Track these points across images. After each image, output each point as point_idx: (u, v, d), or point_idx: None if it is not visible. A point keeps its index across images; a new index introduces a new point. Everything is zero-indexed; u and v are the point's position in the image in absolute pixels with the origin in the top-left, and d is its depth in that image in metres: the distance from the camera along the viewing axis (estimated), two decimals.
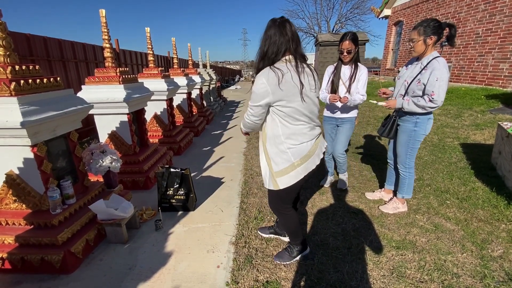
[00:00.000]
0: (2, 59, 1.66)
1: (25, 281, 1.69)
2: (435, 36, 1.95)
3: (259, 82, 1.41)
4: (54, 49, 4.57)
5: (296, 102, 1.44)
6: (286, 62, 1.45)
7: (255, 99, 1.44)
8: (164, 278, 1.71)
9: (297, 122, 1.49)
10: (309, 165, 1.56)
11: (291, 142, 1.50)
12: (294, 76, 1.42)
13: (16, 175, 1.77)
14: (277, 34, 1.43)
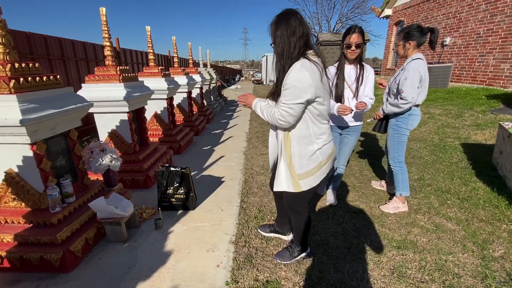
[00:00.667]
0: (2, 56, 1.65)
1: (24, 279, 1.68)
2: (414, 41, 2.13)
3: (302, 76, 1.26)
4: (54, 47, 4.56)
5: (327, 100, 1.42)
6: (316, 56, 1.37)
7: (298, 94, 1.28)
8: (164, 277, 1.70)
9: (325, 121, 1.47)
10: (330, 164, 1.55)
11: (321, 142, 1.46)
12: (324, 71, 1.37)
13: (15, 173, 1.76)
14: (300, 28, 1.32)
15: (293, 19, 1.32)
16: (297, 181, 1.48)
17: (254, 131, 5.55)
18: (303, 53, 1.35)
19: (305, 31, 1.34)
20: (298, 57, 1.34)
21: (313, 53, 1.38)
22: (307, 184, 1.49)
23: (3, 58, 1.66)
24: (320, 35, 9.52)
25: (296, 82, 1.28)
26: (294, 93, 1.29)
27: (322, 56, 1.42)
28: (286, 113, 1.33)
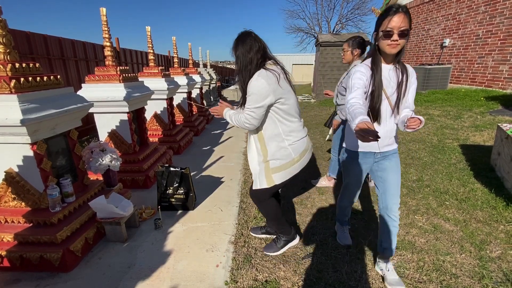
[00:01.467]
0: (2, 56, 1.66)
1: (24, 279, 1.69)
2: (359, 49, 2.44)
3: (258, 84, 1.47)
4: (54, 47, 4.56)
5: (291, 100, 1.58)
6: (274, 64, 1.59)
7: (257, 100, 1.49)
8: (163, 277, 1.70)
9: (293, 119, 1.62)
10: (304, 161, 1.69)
11: (292, 138, 1.61)
12: (283, 75, 1.57)
13: (15, 173, 1.77)
14: (255, 44, 1.54)
15: (248, 38, 1.55)
16: (270, 176, 1.63)
17: None
18: (261, 64, 1.55)
19: (260, 46, 1.56)
20: (256, 68, 1.54)
21: (271, 63, 1.59)
22: (279, 177, 1.64)
23: (4, 58, 1.66)
24: (320, 36, 9.53)
25: (254, 89, 1.48)
26: (254, 98, 1.49)
27: (280, 63, 1.65)
28: (250, 116, 1.53)
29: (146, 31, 3.75)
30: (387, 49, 1.34)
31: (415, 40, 9.68)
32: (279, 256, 1.89)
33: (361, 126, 1.07)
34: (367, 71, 1.42)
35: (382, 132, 1.47)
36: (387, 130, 1.49)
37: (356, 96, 1.34)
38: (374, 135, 1.00)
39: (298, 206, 2.56)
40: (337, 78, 9.12)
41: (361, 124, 1.08)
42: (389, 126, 1.50)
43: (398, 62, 1.43)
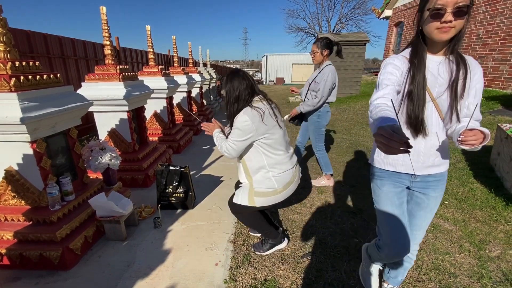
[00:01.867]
0: (2, 55, 1.66)
1: (24, 277, 1.69)
2: (327, 49, 2.60)
3: (242, 120, 1.59)
4: (54, 46, 4.56)
5: (276, 134, 1.67)
6: (260, 101, 1.69)
7: (240, 134, 1.61)
8: (163, 275, 1.71)
9: (279, 152, 1.70)
10: (288, 192, 1.77)
11: (277, 171, 1.70)
12: (270, 110, 1.67)
13: (15, 171, 1.77)
14: (243, 81, 1.66)
15: (236, 76, 1.68)
16: (253, 197, 1.71)
17: None
18: (249, 100, 1.67)
19: (248, 83, 1.67)
20: (244, 104, 1.65)
21: (258, 99, 1.69)
22: (260, 202, 1.71)
23: (4, 56, 1.66)
24: (320, 35, 9.53)
25: (239, 125, 1.61)
26: (238, 133, 1.62)
27: (267, 99, 1.75)
28: (230, 147, 1.66)
29: (146, 30, 3.75)
30: (436, 34, 0.97)
31: None
32: (278, 255, 1.89)
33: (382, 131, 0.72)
34: (403, 64, 1.07)
35: (425, 148, 1.11)
36: (432, 145, 1.10)
37: (384, 95, 1.00)
38: (403, 143, 0.68)
39: (297, 205, 2.56)
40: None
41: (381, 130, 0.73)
42: (436, 139, 1.10)
43: (452, 52, 1.03)
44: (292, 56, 23.04)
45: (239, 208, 1.77)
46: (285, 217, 2.36)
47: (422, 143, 1.12)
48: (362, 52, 8.90)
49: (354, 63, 8.94)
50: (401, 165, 1.18)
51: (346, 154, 3.93)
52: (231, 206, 1.83)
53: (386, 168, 1.23)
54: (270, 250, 1.91)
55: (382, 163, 1.24)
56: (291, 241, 2.04)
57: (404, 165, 1.17)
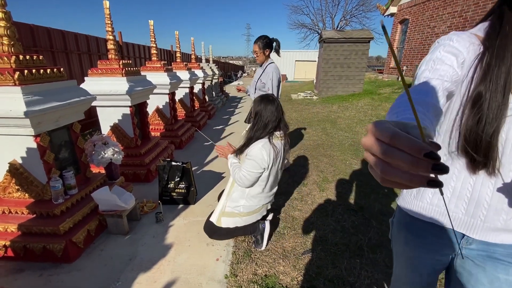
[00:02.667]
0: (7, 48, 1.66)
1: (27, 268, 1.72)
2: (269, 49, 2.71)
3: (259, 154, 1.68)
4: (57, 40, 4.56)
5: (273, 176, 1.83)
6: (280, 138, 1.78)
7: (255, 166, 1.70)
8: (164, 269, 1.73)
9: (265, 189, 1.85)
10: (249, 219, 1.91)
11: (249, 202, 1.86)
12: (282, 153, 1.79)
13: (19, 164, 1.78)
14: (275, 113, 1.72)
15: (271, 105, 1.72)
16: (220, 218, 1.88)
17: None
18: (271, 133, 1.74)
19: (278, 116, 1.74)
20: (265, 135, 1.74)
21: (279, 136, 1.78)
22: (225, 222, 1.88)
23: (8, 50, 1.67)
24: (323, 32, 9.44)
25: (256, 158, 1.69)
26: (253, 164, 1.71)
27: (286, 138, 1.84)
28: (244, 177, 1.75)
29: (149, 25, 3.74)
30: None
31: (419, 37, 9.58)
32: (279, 251, 1.90)
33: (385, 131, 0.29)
34: (469, 48, 0.64)
35: (492, 195, 0.66)
36: (507, 191, 0.64)
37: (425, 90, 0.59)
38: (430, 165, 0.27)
39: (298, 202, 2.57)
40: (340, 75, 9.07)
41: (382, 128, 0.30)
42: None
43: None
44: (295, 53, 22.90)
45: (212, 229, 1.93)
46: (286, 214, 2.37)
47: (487, 185, 0.66)
48: (366, 50, 8.84)
49: (357, 61, 8.88)
50: (437, 212, 0.74)
51: (347, 152, 3.92)
52: (206, 227, 1.97)
53: (417, 210, 0.75)
54: (264, 241, 1.93)
55: (413, 203, 0.78)
56: (292, 238, 2.05)
57: (454, 216, 0.71)
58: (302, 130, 5.26)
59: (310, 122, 5.91)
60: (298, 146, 4.26)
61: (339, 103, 7.76)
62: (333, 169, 3.31)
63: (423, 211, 0.76)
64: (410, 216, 0.80)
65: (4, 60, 1.63)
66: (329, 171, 3.27)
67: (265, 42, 2.67)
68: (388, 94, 7.67)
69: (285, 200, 2.61)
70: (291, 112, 7.21)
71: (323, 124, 5.70)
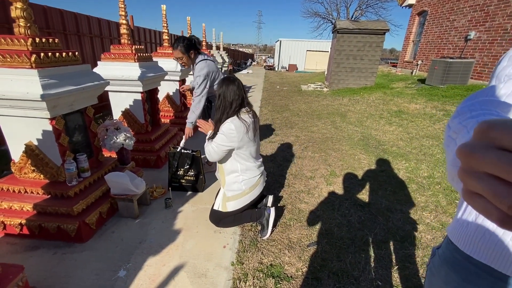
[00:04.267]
0: (23, 30, 1.67)
1: (42, 246, 1.79)
2: (193, 49, 2.58)
3: (229, 128, 1.74)
4: (70, 22, 4.56)
5: (252, 147, 1.86)
6: (247, 113, 1.83)
7: (224, 140, 1.76)
8: (172, 254, 1.78)
9: (250, 161, 1.90)
10: (253, 194, 1.96)
11: (246, 175, 1.90)
12: (253, 125, 1.82)
13: (35, 146, 1.83)
14: (237, 91, 1.79)
15: (232, 85, 1.80)
16: (225, 203, 1.92)
17: (264, 118, 5.54)
18: (237, 111, 1.79)
19: (241, 94, 1.81)
20: (233, 113, 1.79)
21: (245, 111, 1.83)
22: (232, 206, 1.92)
23: (25, 32, 1.67)
24: (337, 22, 9.17)
25: (225, 131, 1.75)
26: (222, 138, 1.77)
27: (253, 112, 1.89)
28: (212, 150, 1.82)
29: (162, 10, 3.70)
30: None
31: (438, 31, 9.23)
32: (285, 241, 1.93)
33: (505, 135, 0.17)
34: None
35: None
36: None
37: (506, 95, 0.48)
38: None
39: (305, 195, 2.58)
40: (352, 67, 8.87)
41: (492, 128, 0.17)
42: None
43: None
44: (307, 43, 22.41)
45: (218, 216, 1.97)
46: (292, 206, 2.38)
47: None
48: (380, 42, 8.58)
49: (371, 53, 8.65)
50: (498, 263, 0.55)
51: (357, 146, 3.89)
52: (212, 216, 2.01)
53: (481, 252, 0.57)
54: (270, 226, 1.97)
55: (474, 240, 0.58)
56: (298, 229, 2.07)
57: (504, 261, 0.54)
58: (311, 123, 5.21)
59: (319, 115, 5.85)
60: (306, 139, 4.24)
61: (350, 96, 7.63)
62: (341, 163, 3.30)
63: (490, 254, 0.55)
64: (462, 253, 0.61)
65: (21, 42, 1.64)
66: (337, 165, 3.25)
67: (186, 44, 2.51)
68: (401, 89, 7.49)
69: (292, 192, 2.62)
70: (300, 103, 7.13)
71: (333, 117, 5.64)
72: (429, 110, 5.41)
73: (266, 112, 6.09)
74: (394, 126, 4.79)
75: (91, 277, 1.57)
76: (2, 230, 1.83)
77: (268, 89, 9.84)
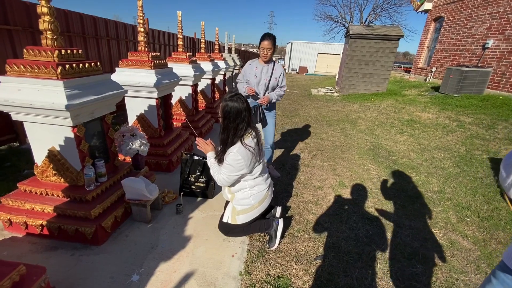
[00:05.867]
0: (50, 42, 1.76)
1: (61, 247, 1.88)
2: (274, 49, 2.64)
3: (236, 159, 1.77)
4: (89, 26, 4.71)
5: (259, 167, 1.92)
6: (250, 137, 1.85)
7: (233, 170, 1.81)
8: (183, 261, 1.84)
9: (259, 177, 1.95)
10: (262, 207, 1.99)
11: (254, 190, 1.94)
12: (257, 148, 1.85)
13: (57, 151, 1.92)
14: (242, 113, 1.78)
15: (237, 105, 1.77)
16: (234, 217, 1.96)
17: None
18: (242, 136, 1.81)
19: (245, 115, 1.80)
20: (238, 138, 1.81)
21: (249, 134, 1.84)
22: (242, 219, 1.95)
23: (51, 44, 1.76)
24: (350, 27, 9.09)
25: (232, 162, 1.78)
26: (231, 169, 1.81)
27: (257, 134, 1.90)
28: (223, 179, 1.87)
29: (177, 16, 3.78)
30: None
31: (454, 38, 9.04)
32: (292, 253, 1.97)
33: None
34: None
35: None
36: None
37: None
38: None
39: (313, 205, 2.60)
40: (364, 73, 8.80)
41: None
42: None
43: None
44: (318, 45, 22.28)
45: (227, 227, 2.01)
46: (300, 217, 2.41)
47: None
48: (394, 48, 8.48)
49: (384, 59, 8.56)
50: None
51: (366, 156, 3.87)
52: (221, 227, 2.04)
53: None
54: (278, 237, 2.01)
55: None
56: (305, 241, 2.10)
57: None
58: (320, 129, 5.21)
59: (329, 121, 5.84)
60: (315, 146, 4.25)
61: (360, 102, 7.57)
62: (350, 174, 3.30)
63: None
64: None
65: (48, 54, 1.73)
66: (346, 175, 3.26)
67: (275, 41, 2.65)
68: (413, 96, 7.38)
69: (300, 202, 2.65)
70: (310, 108, 7.12)
71: (343, 124, 5.62)
72: (442, 120, 5.32)
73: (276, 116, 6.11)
74: (405, 135, 4.74)
75: (106, 280, 1.65)
76: (24, 229, 1.93)
77: None
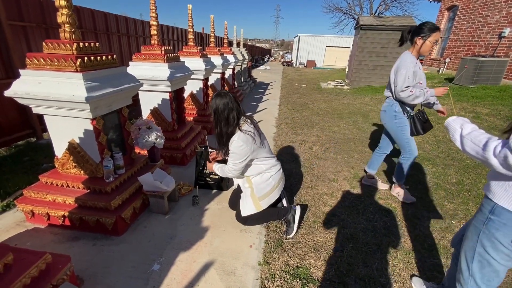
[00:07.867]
0: (68, 35, 1.77)
1: (82, 237, 1.92)
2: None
3: (238, 146, 1.80)
4: (100, 21, 4.75)
5: (265, 148, 1.95)
6: (246, 123, 1.88)
7: (238, 158, 1.84)
8: (202, 251, 1.85)
9: (270, 158, 1.99)
10: (280, 187, 2.06)
11: (273, 170, 1.99)
12: (256, 131, 1.88)
13: (77, 143, 1.95)
14: (231, 104, 1.82)
15: (223, 99, 1.82)
16: (258, 202, 1.96)
17: (283, 116, 5.53)
18: (237, 124, 1.84)
19: (234, 105, 1.84)
20: (235, 128, 1.84)
21: (243, 121, 1.88)
22: (265, 203, 1.97)
23: (70, 37, 1.78)
24: (361, 18, 8.90)
25: (236, 150, 1.82)
26: (236, 157, 1.85)
27: (251, 119, 1.95)
28: (232, 169, 1.91)
29: (188, 10, 3.76)
30: None
31: (469, 27, 8.74)
32: (310, 244, 1.96)
33: None
34: None
35: None
36: None
37: None
38: None
39: (328, 197, 2.58)
40: (374, 65, 8.62)
41: None
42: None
43: None
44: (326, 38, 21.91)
45: (246, 217, 2.01)
46: (316, 208, 2.40)
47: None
48: None
49: (396, 50, 8.35)
50: None
51: None
52: (241, 220, 2.05)
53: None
54: (296, 223, 2.02)
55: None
56: (322, 233, 2.09)
57: None
58: (332, 122, 5.15)
59: (340, 114, 5.76)
60: (328, 139, 4.20)
61: (372, 95, 7.44)
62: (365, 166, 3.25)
63: None
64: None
65: (67, 47, 1.75)
66: (360, 168, 3.21)
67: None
68: None
69: (315, 194, 2.63)
70: (320, 102, 7.05)
71: (355, 116, 5.54)
72: (457, 111, 5.18)
73: (286, 110, 6.07)
74: None
75: (128, 269, 1.68)
76: (47, 220, 1.98)
77: (286, 86, 9.79)
